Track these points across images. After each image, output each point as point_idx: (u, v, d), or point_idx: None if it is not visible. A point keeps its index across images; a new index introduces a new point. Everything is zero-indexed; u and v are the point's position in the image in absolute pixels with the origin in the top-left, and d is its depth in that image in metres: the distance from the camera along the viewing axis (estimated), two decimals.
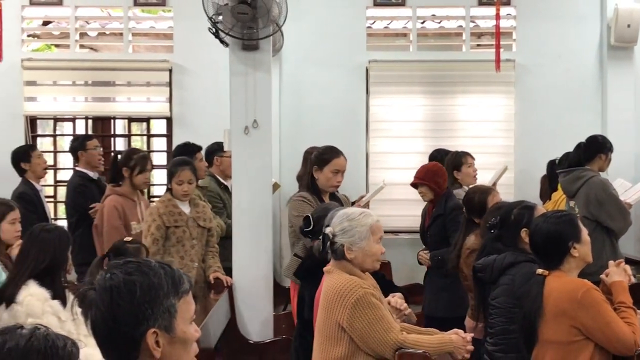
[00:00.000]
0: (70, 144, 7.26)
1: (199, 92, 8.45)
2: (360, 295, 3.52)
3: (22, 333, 1.55)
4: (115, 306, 2.01)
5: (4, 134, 8.21)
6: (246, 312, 6.13)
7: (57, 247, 4.25)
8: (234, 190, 6.28)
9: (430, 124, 8.54)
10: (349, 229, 3.65)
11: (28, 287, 4.12)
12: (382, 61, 8.50)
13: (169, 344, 2.05)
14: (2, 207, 4.97)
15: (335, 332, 3.56)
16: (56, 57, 9.01)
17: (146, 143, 9.11)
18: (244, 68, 6.05)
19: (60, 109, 8.66)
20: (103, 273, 2.09)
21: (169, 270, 2.12)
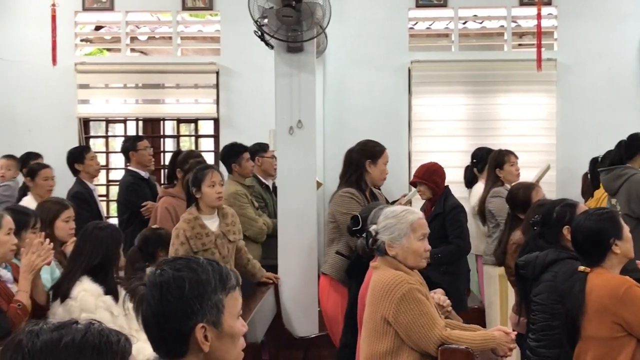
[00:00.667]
0: (122, 145, 7.34)
1: (245, 93, 8.48)
2: (407, 291, 3.51)
3: (77, 328, 1.56)
4: (165, 302, 2.03)
5: (58, 135, 8.33)
6: (291, 307, 6.15)
7: (110, 244, 4.30)
8: (279, 189, 6.29)
9: (472, 123, 8.48)
10: (391, 226, 3.65)
11: (82, 283, 4.17)
12: (424, 61, 8.46)
13: (217, 339, 2.07)
14: (56, 206, 5.04)
15: (381, 326, 3.56)
16: (108, 60, 9.12)
17: (194, 143, 9.19)
18: (288, 69, 6.07)
19: (112, 111, 8.77)
20: (153, 269, 2.12)
21: (216, 266, 2.13)
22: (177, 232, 5.07)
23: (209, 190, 5.09)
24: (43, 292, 4.27)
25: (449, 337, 3.52)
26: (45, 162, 7.20)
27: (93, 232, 4.31)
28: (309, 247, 6.18)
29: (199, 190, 5.08)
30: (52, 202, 5.23)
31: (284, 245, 6.15)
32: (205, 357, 2.07)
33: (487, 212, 6.47)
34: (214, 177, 5.12)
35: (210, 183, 5.09)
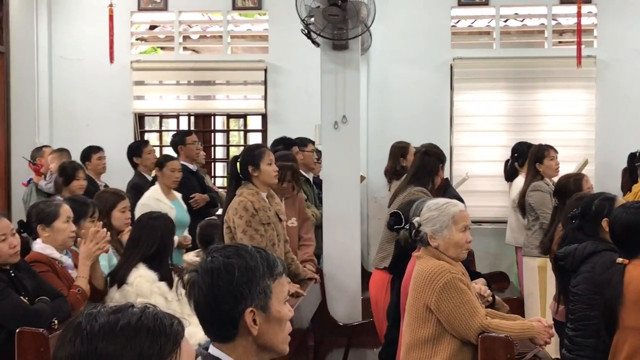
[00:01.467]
0: (171, 139, 7.42)
1: (292, 89, 8.51)
2: (448, 280, 3.50)
3: (133, 311, 1.57)
4: (216, 287, 2.05)
5: (115, 129, 8.45)
6: (336, 296, 6.15)
7: (164, 233, 4.37)
8: (324, 182, 6.30)
9: (512, 118, 8.40)
10: (433, 218, 3.64)
11: (138, 270, 4.25)
12: (466, 58, 8.40)
13: (265, 322, 2.09)
14: (113, 197, 5.12)
15: (423, 313, 3.55)
16: (162, 58, 9.23)
17: (243, 138, 9.25)
18: (334, 67, 6.06)
19: (165, 107, 8.87)
20: (204, 256, 2.14)
21: (264, 254, 2.15)
22: (244, 204, 4.79)
23: (268, 168, 4.92)
24: (101, 277, 4.35)
25: (489, 325, 3.51)
26: (104, 155, 7.32)
27: (148, 222, 4.38)
28: (352, 238, 6.18)
29: (257, 169, 4.89)
30: (109, 192, 5.31)
31: (328, 235, 6.16)
32: (254, 340, 2.09)
33: (527, 205, 6.40)
34: (271, 156, 5.00)
35: (269, 161, 4.95)
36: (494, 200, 8.19)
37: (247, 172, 4.91)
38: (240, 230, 4.74)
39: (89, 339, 1.52)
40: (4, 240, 3.75)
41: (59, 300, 3.93)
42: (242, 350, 2.09)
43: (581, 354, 4.05)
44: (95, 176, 7.27)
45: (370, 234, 8.14)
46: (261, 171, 4.91)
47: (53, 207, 4.25)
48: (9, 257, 3.77)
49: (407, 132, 7.96)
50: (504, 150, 7.82)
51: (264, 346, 2.12)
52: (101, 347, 1.51)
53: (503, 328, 3.54)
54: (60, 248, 4.25)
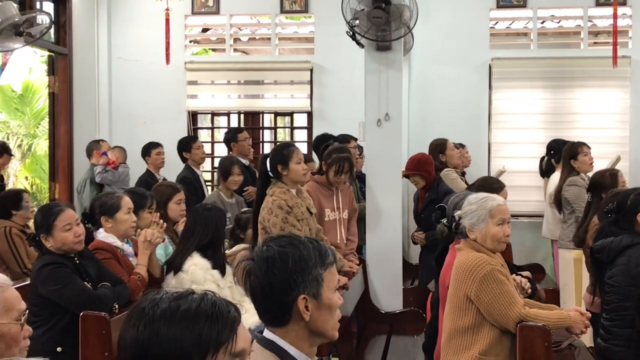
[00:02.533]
0: (224, 136, 7.47)
1: (336, 89, 8.50)
2: (488, 271, 3.48)
3: (193, 298, 1.60)
4: (271, 274, 2.07)
5: (170, 127, 8.53)
6: (378, 285, 6.16)
7: (218, 223, 4.40)
8: (367, 176, 6.30)
9: (549, 116, 8.30)
10: (471, 211, 3.63)
11: (193, 258, 4.29)
12: (505, 58, 8.32)
13: (316, 309, 2.11)
14: (169, 189, 5.18)
15: (464, 303, 3.54)
16: (213, 59, 9.29)
17: (289, 135, 9.27)
18: (377, 67, 6.06)
19: (217, 105, 8.93)
20: (260, 246, 2.17)
21: (316, 244, 2.16)
22: (279, 203, 4.72)
23: (296, 167, 4.84)
24: (158, 265, 4.41)
25: (527, 315, 3.48)
26: (162, 150, 7.42)
27: (203, 213, 4.42)
28: (394, 231, 6.17)
29: (286, 167, 4.81)
30: (165, 185, 5.38)
31: (371, 228, 6.16)
32: (306, 325, 2.11)
33: (563, 199, 6.35)
34: (299, 154, 4.90)
35: (298, 160, 4.86)
36: (531, 195, 8.11)
37: (277, 171, 4.85)
38: (277, 228, 4.66)
39: (151, 323, 1.55)
40: (69, 229, 3.82)
41: (120, 286, 3.99)
42: (295, 334, 2.12)
43: (616, 343, 4.00)
44: (154, 170, 7.38)
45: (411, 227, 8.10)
46: (290, 170, 4.83)
47: (115, 200, 4.31)
48: (73, 245, 3.85)
49: (447, 129, 7.91)
50: (540, 147, 7.74)
51: (315, 331, 2.14)
52: (162, 332, 1.53)
53: (541, 317, 3.51)
54: (122, 237, 4.31)
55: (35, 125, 13.88)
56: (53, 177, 8.33)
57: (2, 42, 6.03)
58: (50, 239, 3.82)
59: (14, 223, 5.87)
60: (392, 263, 6.19)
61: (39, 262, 3.88)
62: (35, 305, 3.73)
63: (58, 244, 3.82)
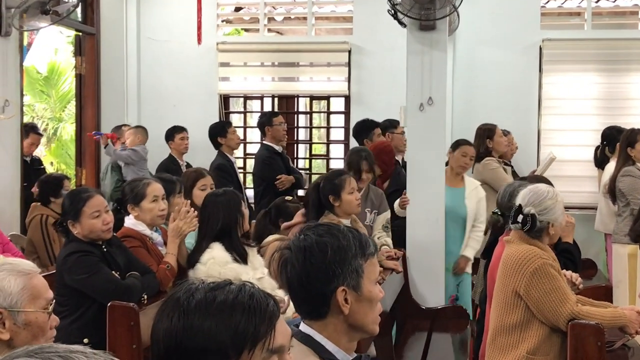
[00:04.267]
0: (258, 120, 7.48)
1: (376, 71, 8.46)
2: (539, 265, 3.46)
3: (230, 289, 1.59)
4: (309, 264, 2.07)
5: (201, 110, 8.58)
6: (419, 279, 6.13)
7: (226, 208, 4.28)
8: (409, 164, 6.27)
9: (603, 102, 8.18)
10: (551, 207, 3.60)
11: (212, 250, 4.22)
12: (557, 39, 8.20)
13: (356, 302, 2.10)
14: (193, 174, 5.15)
15: (512, 299, 3.52)
16: (246, 40, 9.31)
17: (325, 120, 9.27)
18: (420, 47, 6.01)
19: (249, 88, 8.95)
20: (297, 234, 2.16)
21: (356, 234, 2.16)
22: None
23: (349, 198, 4.83)
24: (187, 255, 4.40)
25: (580, 312, 3.45)
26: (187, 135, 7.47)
27: (210, 200, 4.37)
28: (436, 222, 6.14)
29: (338, 198, 4.81)
30: (190, 171, 5.38)
31: (412, 218, 6.13)
32: (345, 319, 2.10)
33: (618, 191, 6.27)
34: (352, 184, 4.90)
35: (350, 190, 4.84)
36: (583, 186, 8.01)
37: (329, 202, 4.85)
38: None
39: (185, 315, 1.55)
40: (98, 216, 3.87)
41: (149, 275, 4.03)
42: (333, 328, 2.11)
43: None
44: (177, 156, 7.43)
45: None
46: (342, 201, 4.83)
47: (141, 187, 4.33)
48: (101, 234, 3.89)
49: (493, 114, 7.83)
50: (593, 134, 7.64)
51: (355, 325, 2.13)
52: (197, 323, 1.53)
53: (594, 315, 3.47)
54: (150, 226, 4.34)
55: (61, 109, 14.06)
56: (80, 162, 8.44)
57: (28, 21, 6.10)
58: (78, 225, 3.86)
59: (51, 211, 5.79)
60: (434, 256, 6.15)
61: (65, 250, 3.93)
62: (62, 295, 3.77)
63: (86, 231, 3.86)
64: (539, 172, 6.76)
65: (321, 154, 9.61)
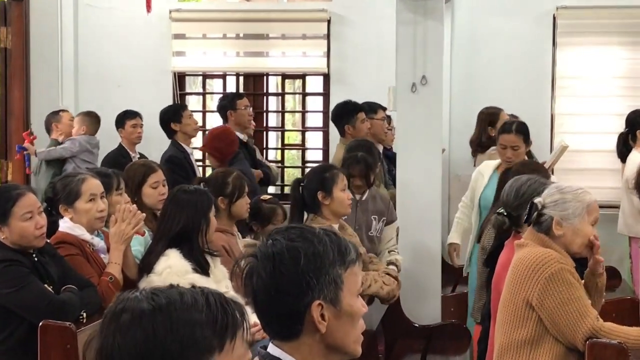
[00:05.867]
0: (219, 103, 7.48)
1: (361, 45, 8.47)
2: (556, 270, 3.48)
3: (180, 293, 1.69)
4: (278, 274, 2.07)
5: (151, 91, 8.53)
6: (411, 292, 6.15)
7: (191, 208, 4.28)
8: (398, 156, 6.30)
9: (629, 81, 8.26)
10: (563, 201, 3.61)
11: (168, 258, 4.20)
12: (573, 7, 8.25)
13: (335, 318, 2.11)
14: (142, 169, 5.08)
15: (523, 310, 3.54)
16: (206, 7, 9.28)
17: (300, 102, 9.27)
18: (412, 17, 6.03)
19: (209, 65, 8.93)
20: (265, 239, 2.17)
21: (334, 237, 2.16)
22: None
23: (342, 195, 4.88)
24: (134, 265, 4.38)
25: (602, 329, 3.47)
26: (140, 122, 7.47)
27: (176, 195, 4.36)
28: (431, 224, 6.17)
29: (329, 195, 4.85)
30: (138, 164, 5.31)
31: (403, 221, 6.15)
32: (322, 338, 2.11)
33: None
34: (344, 180, 4.95)
35: (343, 186, 4.89)
36: (604, 181, 8.06)
37: (316, 200, 4.86)
38: None
39: (127, 327, 1.63)
40: (30, 218, 3.84)
41: (89, 289, 4.01)
42: (307, 350, 2.12)
43: None
44: (128, 146, 7.42)
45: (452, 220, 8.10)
46: (334, 199, 4.85)
47: (75, 184, 4.29)
48: (34, 240, 3.86)
49: (498, 96, 7.87)
50: (617, 119, 7.70)
51: (333, 346, 2.14)
52: (138, 337, 1.62)
53: (617, 333, 3.50)
54: (88, 230, 4.32)
55: None
56: (4, 154, 8.38)
57: None
58: (6, 229, 3.83)
59: None
60: (430, 265, 6.19)
61: None
62: None
63: (15, 237, 3.84)
64: (548, 164, 6.80)
65: (296, 143, 9.61)
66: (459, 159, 8.15)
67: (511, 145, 5.86)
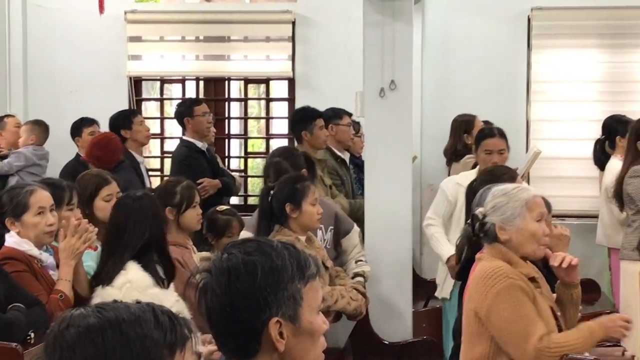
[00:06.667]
0: (176, 109, 7.45)
1: (327, 48, 8.49)
2: (505, 286, 3.47)
3: (126, 310, 1.69)
4: (234, 290, 2.07)
5: (105, 97, 8.48)
6: (381, 308, 6.16)
7: (152, 216, 4.28)
8: (366, 164, 6.31)
9: (606, 85, 8.35)
10: (500, 205, 3.62)
11: (127, 272, 4.19)
12: (548, 8, 8.31)
13: (293, 336, 2.10)
14: (95, 180, 5.03)
15: (475, 326, 3.56)
16: (163, 8, 9.26)
17: (264, 108, 9.27)
18: (380, 18, 6.05)
19: (167, 69, 8.92)
20: (220, 253, 2.16)
21: (293, 251, 2.16)
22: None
23: (311, 209, 4.96)
24: (85, 281, 4.36)
25: (548, 348, 3.45)
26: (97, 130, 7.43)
27: (133, 205, 4.33)
28: (402, 235, 6.18)
29: (298, 208, 4.93)
30: (91, 175, 5.28)
31: (371, 233, 6.16)
32: (280, 357, 2.11)
33: (625, 195, 6.35)
34: (316, 193, 5.03)
35: (313, 200, 4.96)
36: (582, 189, 8.13)
37: (284, 212, 4.93)
38: None
39: (75, 342, 1.63)
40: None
41: (37, 308, 3.98)
42: None
43: None
44: None
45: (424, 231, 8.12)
46: (303, 212, 4.93)
47: (22, 196, 4.26)
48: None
49: (472, 101, 7.93)
50: (595, 125, 7.76)
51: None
52: (88, 352, 1.62)
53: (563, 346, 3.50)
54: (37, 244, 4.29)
55: None
56: None
57: None
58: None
59: None
60: (400, 278, 6.20)
61: None
62: None
63: None
64: (522, 171, 6.83)
65: (260, 151, 9.60)
66: (432, 167, 8.18)
67: (498, 149, 5.91)
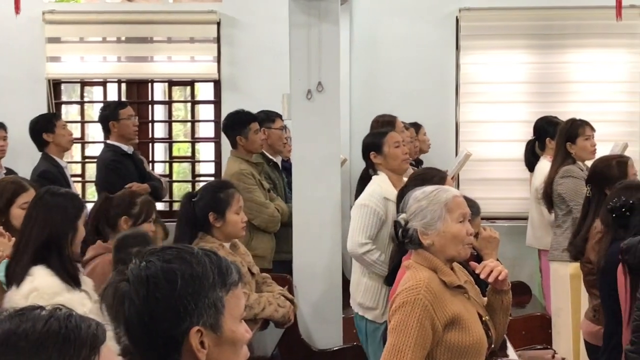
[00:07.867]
0: (100, 113, 7.37)
1: (253, 49, 8.48)
2: (407, 301, 3.40)
3: (39, 315, 1.64)
4: (153, 300, 2.05)
5: (23, 100, 8.37)
6: (309, 314, 6.17)
7: (60, 213, 4.19)
8: (294, 167, 6.31)
9: (535, 86, 8.46)
10: (420, 209, 3.59)
11: (34, 278, 4.08)
12: (476, 9, 8.40)
13: (215, 345, 2.10)
14: (10, 186, 4.95)
15: None
16: (83, 8, 9.16)
17: (190, 111, 9.22)
18: (306, 19, 6.06)
19: (88, 71, 8.82)
20: (137, 261, 2.14)
21: (214, 258, 2.16)
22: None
23: (235, 218, 5.01)
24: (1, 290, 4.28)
25: None
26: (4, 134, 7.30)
27: (43, 198, 4.27)
28: (331, 239, 6.19)
29: (222, 218, 4.98)
30: (7, 182, 5.19)
31: (300, 237, 6.17)
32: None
33: (556, 196, 6.43)
34: (240, 201, 5.06)
35: (238, 209, 5.01)
36: (512, 191, 8.23)
37: (207, 221, 4.98)
38: None
39: None
40: None
41: None
42: None
43: None
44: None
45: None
46: (227, 221, 4.99)
47: None
48: None
49: (401, 103, 7.98)
50: (525, 127, 7.87)
51: None
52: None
53: None
54: None
55: None
56: None
57: None
58: None
59: None
60: (329, 283, 6.21)
61: None
62: None
63: None
64: (452, 172, 6.89)
65: (185, 155, 9.55)
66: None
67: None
